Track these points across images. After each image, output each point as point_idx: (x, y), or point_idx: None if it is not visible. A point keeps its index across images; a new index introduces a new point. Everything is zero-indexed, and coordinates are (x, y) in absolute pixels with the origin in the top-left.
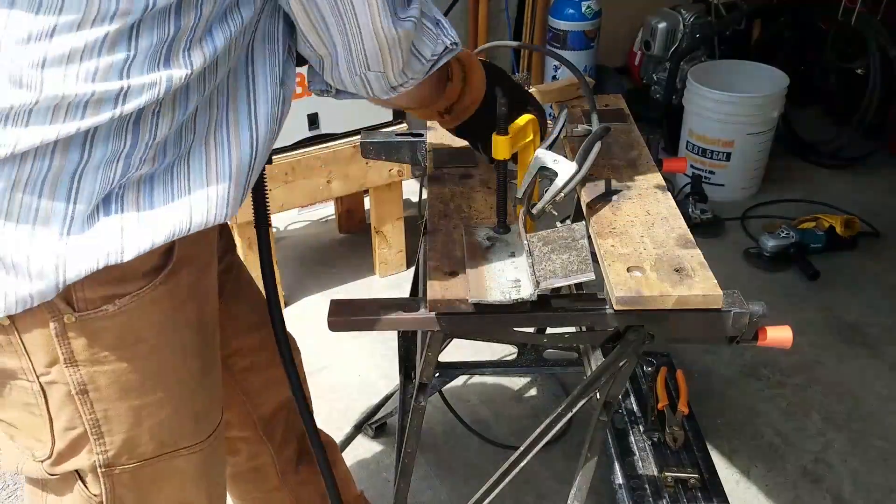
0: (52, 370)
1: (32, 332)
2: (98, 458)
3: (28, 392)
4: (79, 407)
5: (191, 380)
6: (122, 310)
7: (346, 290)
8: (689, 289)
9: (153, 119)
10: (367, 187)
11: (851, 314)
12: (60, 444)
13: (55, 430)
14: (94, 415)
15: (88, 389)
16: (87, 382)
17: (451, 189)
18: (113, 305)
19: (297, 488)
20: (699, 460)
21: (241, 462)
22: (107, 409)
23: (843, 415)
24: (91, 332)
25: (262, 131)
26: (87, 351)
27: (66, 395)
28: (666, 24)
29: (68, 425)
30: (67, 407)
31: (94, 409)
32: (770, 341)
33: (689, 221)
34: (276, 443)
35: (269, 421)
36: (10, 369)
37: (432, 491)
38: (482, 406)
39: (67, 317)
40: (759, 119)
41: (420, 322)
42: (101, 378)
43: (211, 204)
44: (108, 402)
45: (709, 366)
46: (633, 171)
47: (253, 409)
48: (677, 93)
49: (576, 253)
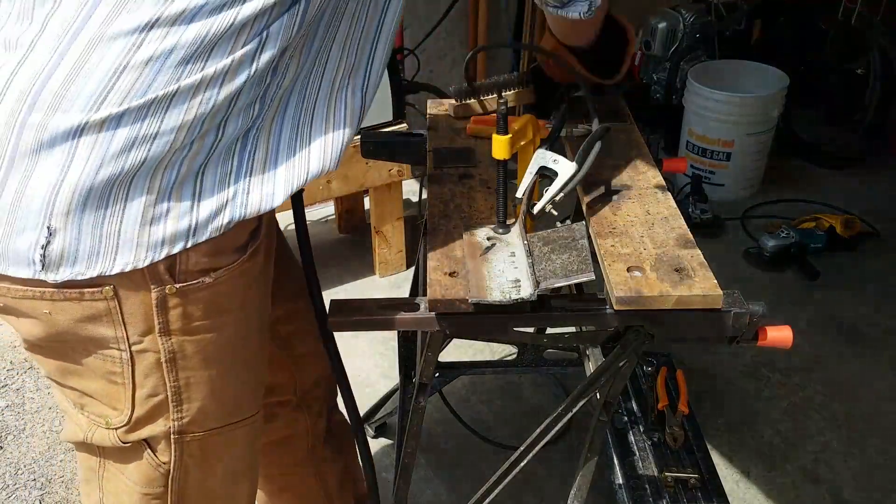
0: (145, 339)
1: (134, 301)
2: (174, 424)
3: (115, 361)
4: (165, 374)
5: (255, 353)
6: (216, 282)
7: (346, 290)
8: (689, 289)
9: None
10: (367, 187)
11: (851, 314)
12: (140, 410)
13: (137, 397)
14: (177, 382)
15: (177, 358)
16: (177, 351)
17: (451, 189)
18: (209, 278)
19: (321, 464)
20: (699, 460)
21: (277, 429)
22: (189, 377)
23: (843, 415)
24: (188, 302)
25: (375, 75)
26: (181, 321)
27: (155, 362)
28: (666, 24)
29: (151, 392)
30: (154, 374)
31: (178, 377)
32: (770, 341)
33: (689, 221)
34: (312, 414)
35: (310, 391)
36: (102, 338)
37: (432, 491)
38: (482, 406)
39: (169, 287)
40: (759, 119)
41: (420, 322)
42: (188, 347)
43: (327, 151)
44: (192, 370)
45: (709, 366)
46: (633, 171)
47: (297, 375)
48: (677, 93)
49: (576, 253)
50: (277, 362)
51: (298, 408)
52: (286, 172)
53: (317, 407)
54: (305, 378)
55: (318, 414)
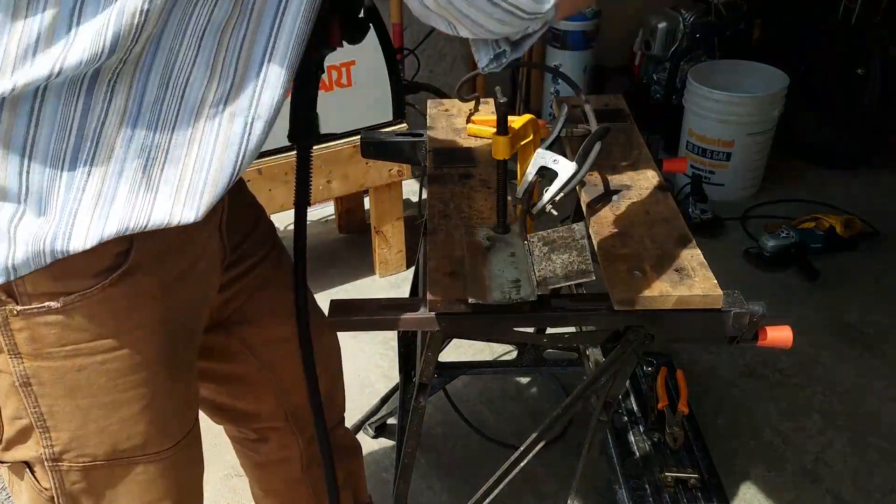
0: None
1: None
2: (45, 451)
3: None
4: (23, 399)
5: (152, 386)
6: (68, 308)
7: (346, 290)
8: (689, 289)
9: (115, 81)
10: (367, 187)
11: (851, 314)
12: (10, 430)
13: (4, 416)
14: (38, 408)
15: (32, 383)
16: (31, 376)
17: (451, 189)
18: (57, 302)
19: (317, 483)
20: (699, 460)
21: (271, 451)
22: (51, 405)
23: (843, 415)
24: (34, 326)
25: (260, 122)
26: (30, 345)
27: (11, 385)
28: (666, 24)
29: (14, 415)
30: (13, 396)
31: (38, 402)
32: (770, 341)
33: (689, 221)
34: (305, 437)
35: (301, 415)
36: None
37: (432, 491)
38: (482, 406)
39: (10, 308)
40: (759, 119)
41: (420, 322)
42: (44, 373)
43: (178, 200)
44: (52, 398)
45: (709, 366)
46: (633, 171)
47: (285, 399)
48: (677, 93)
49: (576, 253)
50: (265, 388)
51: (290, 431)
52: (122, 211)
53: (310, 430)
54: (296, 400)
55: (313, 436)
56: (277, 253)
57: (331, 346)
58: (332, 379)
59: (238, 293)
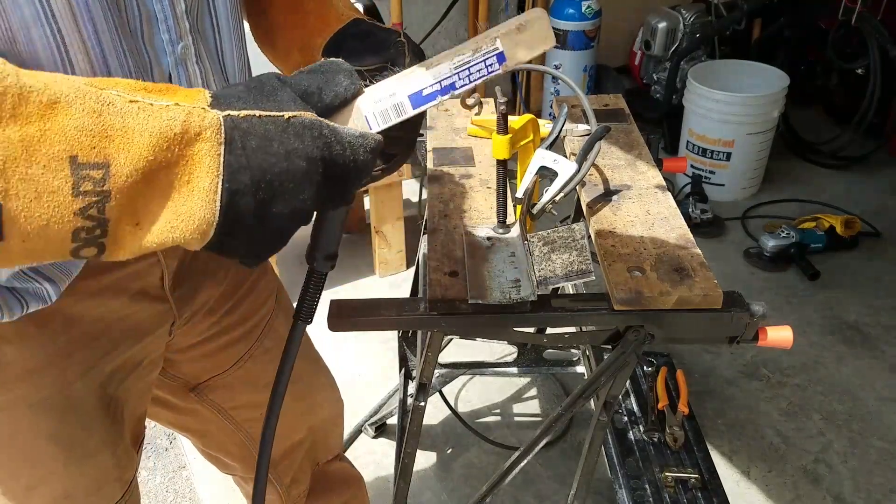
0: None
1: None
2: None
3: None
4: None
5: (46, 466)
6: None
7: (346, 290)
8: (689, 289)
9: None
10: (367, 187)
11: (851, 314)
12: None
13: None
14: None
15: None
16: None
17: (451, 189)
18: None
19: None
20: (699, 460)
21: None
22: None
23: (843, 415)
24: None
25: None
26: None
27: None
28: (666, 24)
29: None
30: None
31: None
32: (770, 341)
33: (689, 221)
34: (284, 484)
35: (278, 464)
36: None
37: (432, 491)
38: (482, 406)
39: None
40: (759, 119)
41: (420, 322)
42: None
43: None
44: None
45: (709, 366)
46: (633, 171)
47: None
48: (677, 93)
49: (576, 253)
50: (237, 447)
51: (268, 482)
52: None
53: (290, 476)
54: (272, 453)
55: (293, 482)
56: (269, 323)
57: (325, 398)
58: (322, 424)
59: (219, 364)
